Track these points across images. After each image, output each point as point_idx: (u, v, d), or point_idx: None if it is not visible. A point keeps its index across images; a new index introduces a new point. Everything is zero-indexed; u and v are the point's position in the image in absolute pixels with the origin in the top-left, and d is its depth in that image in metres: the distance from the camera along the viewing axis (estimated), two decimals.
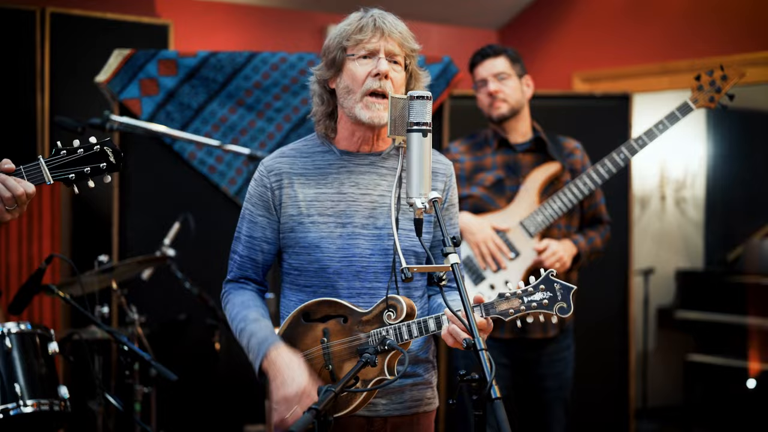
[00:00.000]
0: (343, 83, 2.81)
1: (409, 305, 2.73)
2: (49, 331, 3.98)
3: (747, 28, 6.29)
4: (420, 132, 2.57)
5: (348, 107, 2.80)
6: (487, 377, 2.31)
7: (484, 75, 4.33)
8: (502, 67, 4.34)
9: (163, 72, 5.12)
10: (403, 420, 2.89)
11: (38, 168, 2.69)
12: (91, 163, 2.74)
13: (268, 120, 5.22)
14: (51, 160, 2.70)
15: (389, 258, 2.80)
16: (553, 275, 2.65)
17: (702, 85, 4.20)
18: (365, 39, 2.76)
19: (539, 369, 4.32)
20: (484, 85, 4.35)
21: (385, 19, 2.80)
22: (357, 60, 2.77)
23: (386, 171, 2.87)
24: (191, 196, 5.11)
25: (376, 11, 2.83)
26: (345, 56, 2.79)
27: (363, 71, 2.76)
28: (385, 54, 2.77)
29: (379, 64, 2.75)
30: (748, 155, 8.53)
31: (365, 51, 2.77)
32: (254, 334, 2.80)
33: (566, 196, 4.23)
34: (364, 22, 2.78)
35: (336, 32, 2.83)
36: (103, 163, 2.75)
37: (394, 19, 2.83)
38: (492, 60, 4.35)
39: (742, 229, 8.47)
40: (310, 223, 2.81)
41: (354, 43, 2.77)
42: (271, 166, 2.87)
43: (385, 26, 2.78)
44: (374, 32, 2.76)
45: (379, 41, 2.77)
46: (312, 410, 2.28)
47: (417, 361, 2.89)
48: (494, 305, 2.65)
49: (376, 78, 2.75)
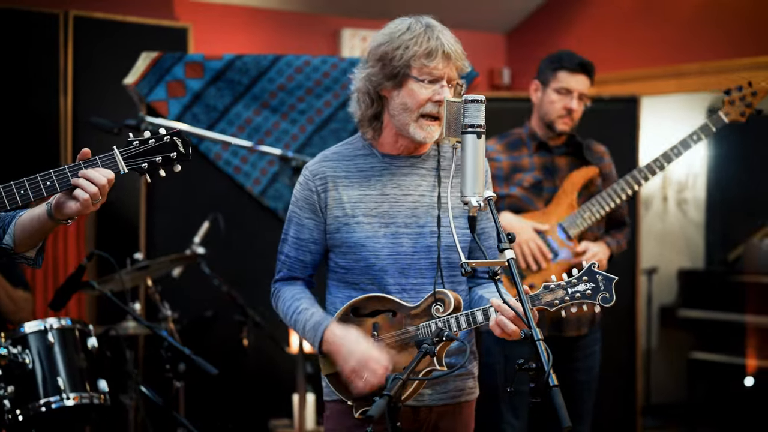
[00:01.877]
0: (400, 98, 2.87)
1: (456, 299, 2.86)
2: (87, 327, 4.09)
3: (753, 32, 6.40)
4: (475, 134, 2.67)
5: (402, 122, 2.88)
6: (545, 366, 2.44)
7: (573, 86, 4.33)
8: (587, 88, 4.38)
9: (190, 74, 5.24)
10: (447, 409, 3.01)
11: (113, 158, 2.75)
12: (162, 153, 2.80)
13: (291, 122, 5.34)
14: (124, 151, 2.75)
15: (432, 255, 2.93)
16: (595, 267, 2.77)
17: (734, 99, 4.30)
18: (433, 66, 2.82)
19: (573, 363, 4.40)
20: (566, 94, 4.34)
21: (449, 41, 2.86)
22: (422, 84, 2.84)
23: (426, 172, 2.98)
24: (216, 197, 5.22)
25: (437, 26, 2.89)
26: (410, 76, 2.85)
27: (425, 95, 2.84)
28: (447, 80, 2.85)
29: (442, 91, 2.84)
30: (746, 157, 8.66)
31: (432, 77, 2.84)
32: (308, 321, 2.93)
33: (605, 200, 4.29)
34: (432, 46, 2.83)
35: (398, 44, 2.86)
36: (174, 152, 2.81)
37: (454, 40, 2.89)
38: (585, 77, 4.37)
39: (741, 230, 8.61)
40: (356, 224, 2.93)
41: (421, 65, 2.82)
42: (316, 170, 2.98)
43: (452, 53, 2.84)
44: (442, 59, 2.83)
45: (445, 68, 2.84)
46: (385, 396, 2.40)
47: (461, 352, 3.01)
48: (540, 297, 2.77)
49: (435, 104, 2.84)
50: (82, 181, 2.69)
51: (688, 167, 8.47)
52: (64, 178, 2.71)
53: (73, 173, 2.71)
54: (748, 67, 6.26)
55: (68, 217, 2.78)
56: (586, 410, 4.48)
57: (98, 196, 2.71)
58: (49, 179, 2.71)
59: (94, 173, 2.70)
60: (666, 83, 6.88)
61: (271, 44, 6.71)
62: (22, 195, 2.70)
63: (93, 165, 2.74)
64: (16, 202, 2.70)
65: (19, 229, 2.87)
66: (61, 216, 2.76)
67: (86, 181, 2.69)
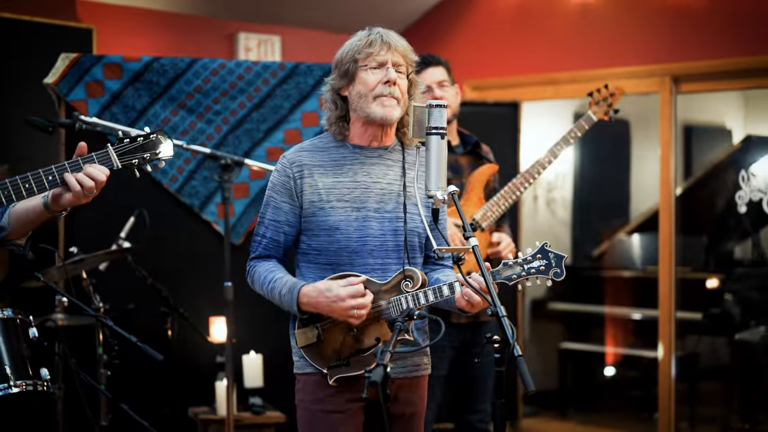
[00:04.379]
0: (356, 90, 3.23)
1: (423, 276, 3.20)
2: (28, 317, 4.23)
3: (622, 42, 6.88)
4: (438, 135, 3.03)
5: (362, 108, 3.22)
6: (509, 339, 2.79)
7: (428, 82, 4.66)
8: (442, 76, 4.72)
9: (108, 75, 5.40)
10: (405, 382, 3.32)
11: (107, 155, 2.99)
12: (150, 150, 3.06)
13: (207, 122, 5.56)
14: (117, 148, 3.01)
15: (398, 238, 3.26)
16: (548, 246, 3.14)
17: (598, 100, 4.80)
18: (375, 52, 3.20)
19: (479, 348, 4.75)
20: (428, 91, 4.66)
21: (390, 35, 3.26)
22: (369, 70, 3.21)
23: (392, 162, 3.32)
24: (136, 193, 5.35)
25: (381, 28, 3.28)
26: (357, 67, 3.22)
27: (374, 79, 3.20)
28: (392, 65, 3.22)
29: (388, 72, 3.20)
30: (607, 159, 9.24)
31: (375, 62, 3.21)
32: (283, 286, 3.21)
33: (509, 194, 4.68)
34: (372, 38, 3.22)
35: (347, 48, 3.26)
36: (159, 150, 3.08)
37: (397, 36, 3.29)
38: (433, 68, 4.71)
39: (604, 227, 9.21)
40: (330, 208, 3.22)
41: (365, 55, 3.20)
42: (293, 159, 3.28)
43: (392, 41, 3.23)
44: (382, 46, 3.21)
45: (387, 54, 3.21)
46: (380, 366, 2.71)
47: (417, 330, 3.32)
48: (500, 272, 3.13)
49: (386, 85, 3.19)
50: (81, 176, 2.93)
51: (557, 168, 8.88)
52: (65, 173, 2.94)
53: (73, 168, 2.94)
54: (618, 76, 6.76)
55: (63, 208, 3.01)
56: (490, 389, 4.84)
57: (94, 190, 2.96)
58: (51, 174, 2.93)
59: (94, 170, 2.94)
60: (543, 89, 7.31)
61: (170, 47, 6.88)
62: (27, 189, 2.92)
63: (89, 161, 2.98)
64: (22, 196, 2.92)
65: (14, 219, 3.08)
66: (58, 207, 3.00)
67: (85, 176, 2.93)
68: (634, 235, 8.47)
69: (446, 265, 3.42)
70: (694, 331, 7.62)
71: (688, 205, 7.37)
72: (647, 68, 6.65)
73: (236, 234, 5.59)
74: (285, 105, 5.66)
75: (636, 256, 8.41)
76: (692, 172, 8.51)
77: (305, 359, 3.27)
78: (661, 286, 6.58)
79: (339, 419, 3.24)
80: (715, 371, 8.04)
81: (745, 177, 6.43)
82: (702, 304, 7.44)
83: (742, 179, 6.43)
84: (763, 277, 7.85)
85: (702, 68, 6.44)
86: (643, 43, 6.74)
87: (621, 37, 6.84)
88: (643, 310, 7.86)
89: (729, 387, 6.83)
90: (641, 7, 6.76)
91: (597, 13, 6.91)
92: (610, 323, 8.23)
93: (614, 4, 6.86)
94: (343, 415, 3.24)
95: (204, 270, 5.51)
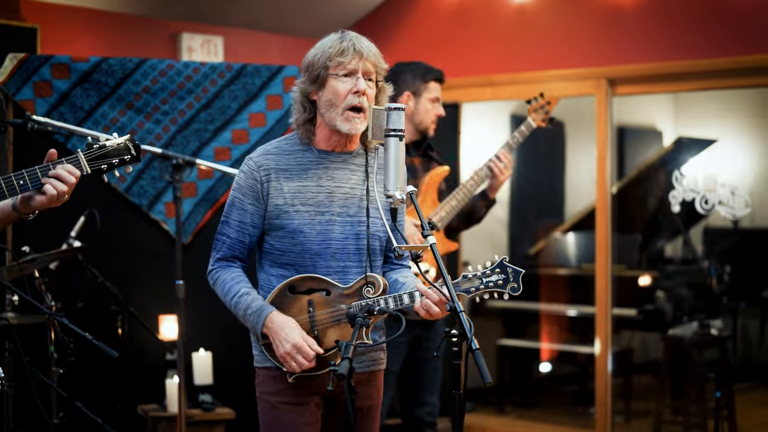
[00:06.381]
0: (325, 97, 3.29)
1: (384, 283, 3.29)
2: None
3: (561, 46, 7.05)
4: (396, 137, 3.12)
5: (330, 118, 3.29)
6: (467, 333, 2.91)
7: (439, 96, 4.91)
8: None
9: (56, 75, 5.42)
10: (363, 377, 3.42)
11: (77, 160, 3.05)
12: (119, 156, 3.13)
13: (155, 122, 5.61)
14: (87, 153, 3.07)
15: (360, 242, 3.35)
16: (507, 261, 3.25)
17: (536, 108, 5.01)
18: (346, 61, 3.25)
19: (429, 343, 4.88)
20: (436, 102, 4.89)
21: (362, 42, 3.31)
22: (339, 78, 3.27)
23: (356, 167, 3.40)
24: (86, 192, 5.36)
25: (353, 34, 3.32)
26: (328, 74, 3.26)
27: (344, 88, 3.26)
28: (362, 73, 3.28)
29: (358, 83, 3.26)
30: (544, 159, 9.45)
31: (346, 71, 3.26)
32: (249, 305, 3.28)
33: (461, 194, 4.81)
34: (344, 45, 3.26)
35: (318, 51, 3.30)
36: (127, 156, 3.15)
37: (369, 43, 3.33)
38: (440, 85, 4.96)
39: (540, 226, 9.41)
40: (294, 212, 3.30)
41: (336, 63, 3.25)
42: (260, 162, 3.34)
43: (363, 49, 3.28)
44: (354, 55, 3.26)
45: (358, 63, 3.26)
46: (345, 359, 2.81)
47: (375, 328, 3.44)
48: (459, 284, 3.23)
49: (356, 95, 3.26)
50: (53, 180, 2.99)
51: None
52: (35, 177, 2.99)
53: (43, 172, 3.00)
54: (556, 78, 6.91)
55: (32, 210, 3.06)
56: (438, 382, 4.96)
57: (65, 193, 3.02)
58: (22, 178, 2.99)
59: (64, 173, 3.00)
60: (482, 91, 7.43)
61: (114, 46, 6.88)
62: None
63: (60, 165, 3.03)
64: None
65: None
66: (27, 210, 3.05)
67: (57, 180, 2.99)
68: (569, 233, 8.67)
69: (405, 265, 3.52)
70: (628, 327, 7.86)
71: (621, 205, 7.57)
72: (584, 71, 6.80)
73: (185, 233, 5.64)
74: (232, 105, 5.73)
75: (571, 254, 8.62)
76: (625, 172, 8.71)
77: (264, 354, 3.35)
78: (598, 283, 6.75)
79: (299, 411, 3.33)
80: (649, 366, 8.29)
81: (679, 177, 6.63)
82: (636, 301, 7.67)
83: (675, 179, 6.64)
84: (693, 274, 8.12)
85: (637, 71, 6.62)
86: (580, 46, 6.90)
87: (559, 40, 6.99)
88: (579, 306, 8.07)
89: (662, 381, 7.02)
90: (579, 11, 6.91)
91: (536, 16, 7.05)
92: (546, 320, 8.42)
93: (553, 8, 7.01)
94: (302, 407, 3.33)
95: (154, 269, 5.56)
